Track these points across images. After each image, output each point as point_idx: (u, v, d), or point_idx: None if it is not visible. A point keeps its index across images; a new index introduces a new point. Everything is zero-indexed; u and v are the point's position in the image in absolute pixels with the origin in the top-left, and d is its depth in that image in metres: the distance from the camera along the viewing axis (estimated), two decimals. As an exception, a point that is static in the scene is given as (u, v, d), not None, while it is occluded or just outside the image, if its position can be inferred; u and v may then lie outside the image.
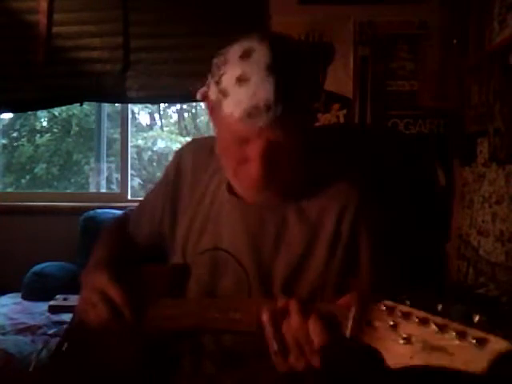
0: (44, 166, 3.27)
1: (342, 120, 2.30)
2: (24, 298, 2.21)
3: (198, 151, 1.10)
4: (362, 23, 2.30)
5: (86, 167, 3.23)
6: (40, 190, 3.13)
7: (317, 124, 1.01)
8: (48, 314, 1.93)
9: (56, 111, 3.28)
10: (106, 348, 0.99)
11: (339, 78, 2.31)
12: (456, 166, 2.27)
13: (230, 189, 0.98)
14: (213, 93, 0.88)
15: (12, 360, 1.63)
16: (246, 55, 0.84)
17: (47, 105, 2.58)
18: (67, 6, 2.39)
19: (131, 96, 2.38)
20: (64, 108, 3.15)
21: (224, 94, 0.84)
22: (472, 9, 2.05)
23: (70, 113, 3.29)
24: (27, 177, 3.28)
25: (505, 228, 1.73)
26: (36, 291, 2.19)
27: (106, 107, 2.87)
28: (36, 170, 3.26)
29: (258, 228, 0.95)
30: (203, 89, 0.94)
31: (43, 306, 1.99)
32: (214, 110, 0.90)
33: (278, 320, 0.77)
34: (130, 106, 2.63)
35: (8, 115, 3.11)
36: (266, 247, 0.94)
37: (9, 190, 3.07)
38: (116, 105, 2.80)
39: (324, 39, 2.31)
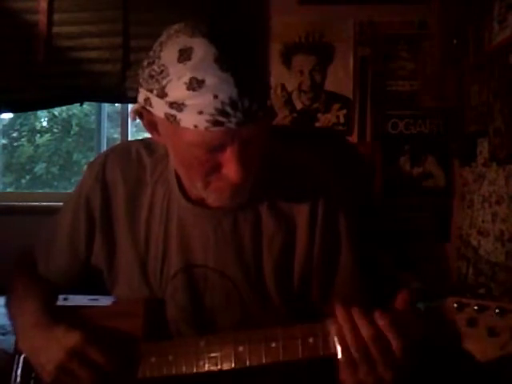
0: (44, 165, 3.27)
1: (342, 120, 2.30)
2: (24, 298, 2.20)
3: (124, 162, 0.96)
4: (362, 23, 2.30)
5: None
6: (40, 190, 3.12)
7: (316, 124, 0.98)
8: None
9: (56, 111, 3.27)
10: None
11: (339, 78, 2.31)
12: (456, 166, 2.27)
13: (187, 197, 0.89)
14: (158, 109, 0.77)
15: (12, 360, 1.62)
16: (184, 57, 0.72)
17: (47, 105, 2.57)
18: (67, 5, 2.38)
19: (131, 96, 2.37)
20: (64, 108, 3.14)
21: (177, 107, 0.73)
22: (472, 9, 2.05)
23: (70, 113, 3.29)
24: (27, 177, 3.28)
25: (505, 228, 1.73)
26: (36, 291, 2.19)
27: (106, 107, 2.87)
28: (36, 170, 3.26)
29: (233, 232, 0.88)
30: (136, 107, 0.84)
31: (43, 306, 1.98)
32: (162, 126, 0.80)
33: (345, 331, 0.70)
34: (129, 105, 2.63)
35: (8, 115, 3.10)
36: (247, 249, 0.88)
37: (9, 189, 3.07)
38: (116, 105, 2.80)
39: (324, 39, 2.31)
